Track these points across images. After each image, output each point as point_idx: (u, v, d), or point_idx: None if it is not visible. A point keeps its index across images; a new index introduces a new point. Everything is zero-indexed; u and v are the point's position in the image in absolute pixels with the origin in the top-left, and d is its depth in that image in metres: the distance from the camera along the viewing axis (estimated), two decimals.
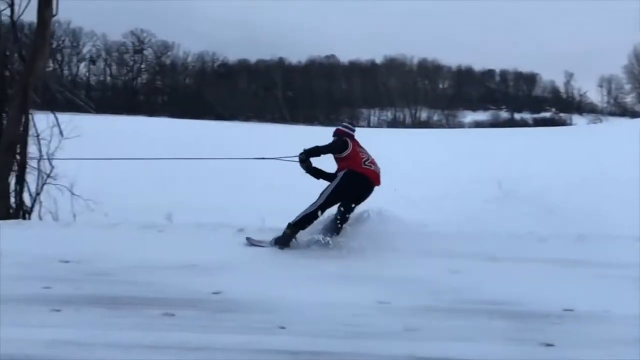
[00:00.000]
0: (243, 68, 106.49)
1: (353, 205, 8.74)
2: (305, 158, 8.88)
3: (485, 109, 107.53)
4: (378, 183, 8.85)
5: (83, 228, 9.33)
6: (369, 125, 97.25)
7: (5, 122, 10.97)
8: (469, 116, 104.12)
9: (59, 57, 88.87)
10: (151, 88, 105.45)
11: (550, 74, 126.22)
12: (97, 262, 7.50)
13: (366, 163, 8.77)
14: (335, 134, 9.12)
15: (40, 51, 11.20)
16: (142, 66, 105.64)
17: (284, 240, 8.61)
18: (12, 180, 10.93)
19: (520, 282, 7.15)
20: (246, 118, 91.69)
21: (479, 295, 6.58)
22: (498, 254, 8.33)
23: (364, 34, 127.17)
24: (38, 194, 11.01)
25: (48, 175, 11.05)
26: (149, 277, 6.92)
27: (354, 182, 8.67)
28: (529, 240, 9.38)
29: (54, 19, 11.17)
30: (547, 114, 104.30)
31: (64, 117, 11.40)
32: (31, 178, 11.07)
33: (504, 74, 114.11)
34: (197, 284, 6.64)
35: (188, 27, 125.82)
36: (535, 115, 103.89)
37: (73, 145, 10.88)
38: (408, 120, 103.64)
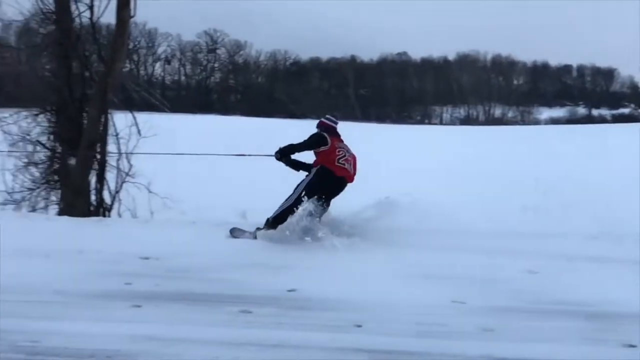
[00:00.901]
0: (315, 66, 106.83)
1: (323, 199, 8.74)
2: (279, 157, 9.12)
3: (562, 105, 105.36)
4: (351, 180, 8.97)
5: (161, 226, 9.47)
6: (441, 123, 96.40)
7: (85, 121, 11.23)
8: (545, 112, 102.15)
9: (135, 57, 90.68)
10: (224, 87, 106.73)
11: (629, 69, 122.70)
12: (176, 259, 7.62)
13: (340, 161, 8.82)
14: (318, 125, 9.26)
15: (118, 52, 11.43)
16: (216, 65, 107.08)
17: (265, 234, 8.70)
18: (93, 179, 11.19)
19: (599, 282, 6.98)
20: (318, 116, 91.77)
21: (557, 295, 6.46)
22: (573, 254, 8.15)
23: (437, 30, 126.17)
24: (117, 192, 11.24)
25: (127, 174, 11.27)
26: (225, 275, 7.01)
27: (325, 179, 8.76)
28: (604, 240, 9.14)
29: (131, 20, 11.40)
30: (625, 110, 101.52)
31: (142, 117, 11.60)
32: (111, 176, 11.31)
33: (581, 69, 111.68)
34: (272, 282, 6.70)
35: (260, 26, 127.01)
36: (614, 112, 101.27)
37: (150, 143, 11.08)
38: (481, 117, 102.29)
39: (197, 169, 17.03)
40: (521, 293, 6.52)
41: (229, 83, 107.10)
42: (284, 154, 9.10)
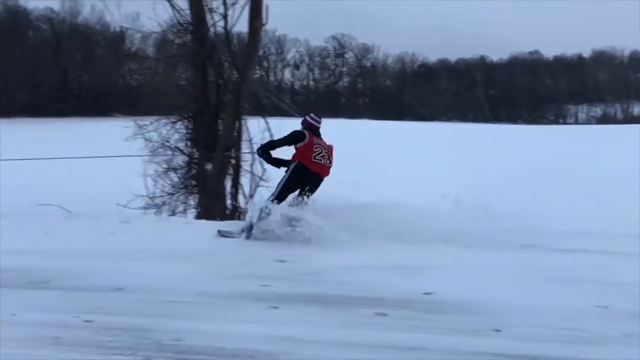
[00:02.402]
0: (443, 67, 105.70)
1: (304, 193, 9.22)
2: (261, 154, 9.63)
3: None
4: (326, 175, 9.41)
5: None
6: (576, 122, 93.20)
7: (221, 128, 11.55)
8: None
9: (265, 64, 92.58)
10: (352, 91, 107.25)
11: None
12: (311, 261, 7.73)
13: (316, 157, 9.25)
14: (302, 122, 9.64)
15: (251, 60, 11.70)
16: (344, 69, 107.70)
17: (250, 229, 9.04)
18: (228, 183, 11.48)
19: None
20: (447, 118, 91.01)
21: None
22: None
23: (570, 28, 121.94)
24: (251, 195, 11.47)
25: (260, 178, 11.49)
26: (360, 277, 7.03)
27: (302, 174, 9.21)
28: None
29: (262, 28, 11.62)
30: None
31: (273, 122, 11.79)
32: (245, 181, 11.56)
33: None
34: (408, 285, 6.66)
35: (388, 29, 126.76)
36: None
37: (282, 149, 11.25)
38: (619, 115, 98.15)
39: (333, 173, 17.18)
40: None
41: (357, 87, 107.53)
42: (265, 150, 9.58)
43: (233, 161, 11.45)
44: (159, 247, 8.29)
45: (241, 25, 11.81)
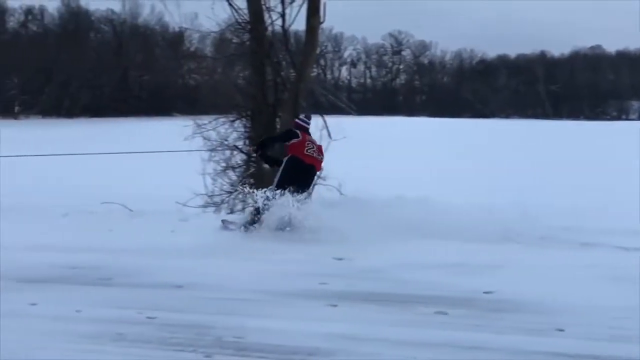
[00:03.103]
0: (502, 63, 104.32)
1: (298, 190, 9.48)
2: (257, 149, 10.23)
3: None
4: (319, 169, 10.21)
5: (352, 226, 9.55)
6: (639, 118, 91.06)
7: (279, 126, 11.59)
8: None
9: (322, 62, 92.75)
10: (409, 88, 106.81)
11: None
12: (368, 259, 7.70)
13: (308, 151, 9.84)
14: (293, 124, 10.27)
15: (309, 58, 11.70)
16: (401, 67, 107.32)
17: (251, 221, 9.54)
18: None
19: None
20: (506, 115, 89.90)
21: None
22: None
23: (632, 22, 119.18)
24: (310, 194, 11.48)
25: (318, 177, 11.49)
26: (418, 275, 6.99)
27: (295, 166, 9.73)
28: None
29: (320, 26, 11.61)
30: None
31: (331, 120, 11.80)
32: None
33: None
34: (467, 283, 6.61)
35: (445, 25, 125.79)
36: None
37: (340, 146, 11.25)
38: None
39: (387, 169, 17.18)
40: None
41: (414, 84, 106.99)
42: (263, 146, 10.15)
43: None
44: (218, 245, 8.37)
45: (299, 23, 11.84)
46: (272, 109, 11.66)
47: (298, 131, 9.97)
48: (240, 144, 11.83)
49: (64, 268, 7.37)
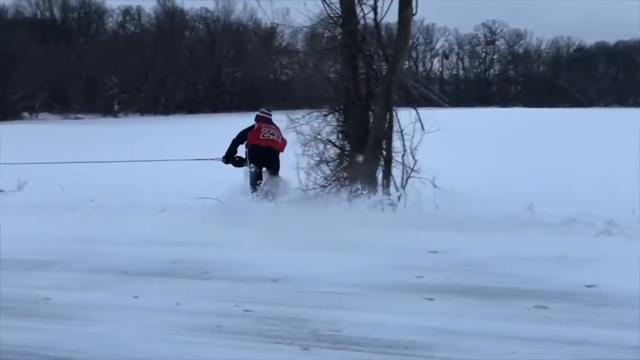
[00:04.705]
0: (601, 51, 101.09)
1: (263, 170, 11.08)
2: (226, 162, 11.43)
3: None
4: (278, 148, 11.20)
5: (443, 220, 9.45)
6: None
7: (371, 119, 11.55)
8: None
9: (414, 54, 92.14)
10: (504, 78, 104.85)
11: None
12: (465, 252, 7.61)
13: (264, 135, 11.01)
14: (255, 117, 11.46)
15: (401, 50, 11.61)
16: (494, 57, 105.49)
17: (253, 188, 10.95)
18: (380, 175, 11.47)
19: None
20: (605, 104, 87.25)
21: None
22: None
23: None
24: (403, 187, 11.41)
25: (412, 169, 11.40)
26: (516, 269, 6.86)
27: (255, 152, 10.98)
28: None
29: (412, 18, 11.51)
30: None
31: (425, 112, 11.68)
32: (396, 172, 11.51)
33: None
34: (568, 277, 6.44)
35: (541, 13, 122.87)
36: None
37: (433, 139, 11.14)
38: None
39: (482, 161, 16.91)
40: None
41: (509, 74, 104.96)
42: (227, 154, 11.35)
43: (384, 152, 11.43)
44: (312, 239, 8.41)
45: (390, 16, 11.76)
46: (364, 102, 11.63)
47: (255, 123, 11.23)
48: (333, 137, 11.86)
49: (165, 262, 7.57)
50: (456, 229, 8.66)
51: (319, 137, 11.81)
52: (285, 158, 11.54)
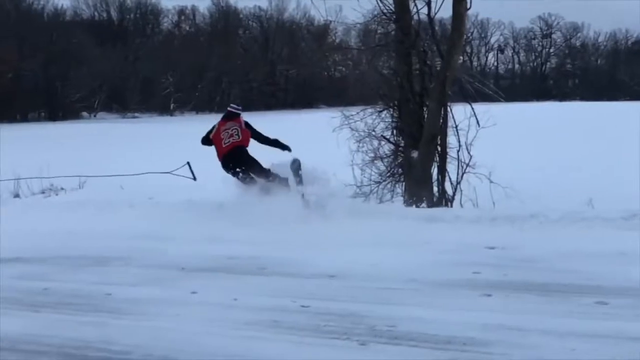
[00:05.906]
0: None
1: (240, 170, 10.33)
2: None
3: None
4: (240, 145, 10.46)
5: (500, 216, 9.34)
6: None
7: (426, 115, 11.50)
8: None
9: (468, 49, 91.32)
10: (560, 72, 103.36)
11: None
12: (523, 248, 7.51)
13: (225, 142, 10.42)
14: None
15: (456, 45, 11.51)
16: (551, 50, 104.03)
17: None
18: (435, 170, 11.41)
19: None
20: None
21: None
22: None
23: None
24: (458, 182, 11.33)
25: (467, 165, 11.32)
26: (576, 265, 6.75)
27: (224, 164, 10.46)
28: None
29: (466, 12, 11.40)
30: None
31: (480, 107, 11.58)
32: (451, 167, 11.44)
33: None
34: (630, 272, 6.31)
35: (598, 6, 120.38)
36: None
37: (489, 134, 11.04)
38: None
39: (539, 157, 16.72)
40: None
41: (566, 67, 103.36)
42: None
43: (439, 148, 11.37)
44: (368, 235, 8.40)
45: (444, 11, 11.68)
46: (419, 98, 11.58)
47: (217, 124, 10.69)
48: (387, 134, 11.84)
49: (222, 258, 7.65)
50: (513, 225, 8.58)
51: (373, 133, 11.81)
52: (340, 155, 11.52)
